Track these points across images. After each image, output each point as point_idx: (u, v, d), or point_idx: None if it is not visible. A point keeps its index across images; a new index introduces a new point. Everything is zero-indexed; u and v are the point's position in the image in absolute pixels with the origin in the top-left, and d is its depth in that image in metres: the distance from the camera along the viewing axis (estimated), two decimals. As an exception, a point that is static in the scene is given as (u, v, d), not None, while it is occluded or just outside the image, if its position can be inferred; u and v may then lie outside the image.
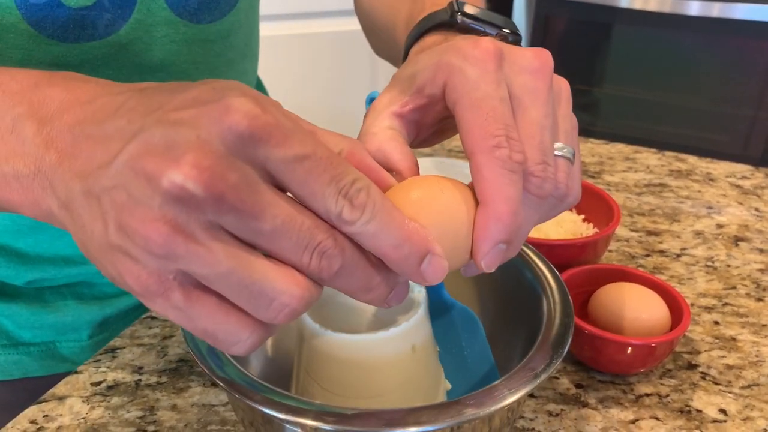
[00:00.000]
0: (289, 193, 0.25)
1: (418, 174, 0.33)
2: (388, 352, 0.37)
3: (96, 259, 0.26)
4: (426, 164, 0.75)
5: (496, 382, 0.32)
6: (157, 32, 0.46)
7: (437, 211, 0.29)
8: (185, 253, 0.23)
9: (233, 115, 0.23)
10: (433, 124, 0.35)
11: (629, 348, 0.45)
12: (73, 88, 0.28)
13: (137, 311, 0.56)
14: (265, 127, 0.23)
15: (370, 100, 0.41)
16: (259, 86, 0.69)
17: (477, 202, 0.29)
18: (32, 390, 0.52)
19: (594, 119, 1.77)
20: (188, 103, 0.24)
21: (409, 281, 0.29)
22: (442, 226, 0.28)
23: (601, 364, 0.47)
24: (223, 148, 0.23)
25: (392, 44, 0.51)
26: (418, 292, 0.39)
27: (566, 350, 0.34)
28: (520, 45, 0.39)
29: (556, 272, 0.40)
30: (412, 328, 0.37)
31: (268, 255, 0.25)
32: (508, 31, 0.40)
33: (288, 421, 0.32)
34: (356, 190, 0.25)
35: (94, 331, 0.54)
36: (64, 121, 0.27)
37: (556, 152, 0.31)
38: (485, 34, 0.40)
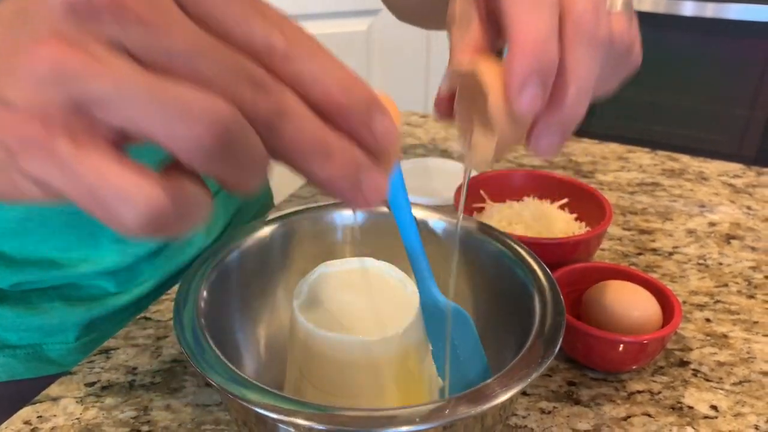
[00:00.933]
0: None
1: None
2: (381, 352, 0.37)
3: None
4: (407, 166, 0.76)
5: (489, 380, 0.32)
6: None
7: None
8: (82, 68, 0.18)
9: None
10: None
11: (621, 345, 0.45)
12: None
13: (124, 312, 0.56)
14: None
15: None
16: None
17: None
18: (19, 392, 0.52)
19: (588, 119, 1.77)
20: None
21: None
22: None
23: (593, 362, 0.47)
24: None
25: None
26: (411, 292, 0.39)
27: (558, 348, 0.34)
28: None
29: (548, 270, 0.40)
30: (406, 328, 0.37)
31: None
32: None
33: (281, 421, 0.32)
34: (283, 18, 0.20)
35: (80, 332, 0.54)
36: None
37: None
38: None
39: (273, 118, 0.20)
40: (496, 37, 0.30)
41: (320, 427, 0.30)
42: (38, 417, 0.43)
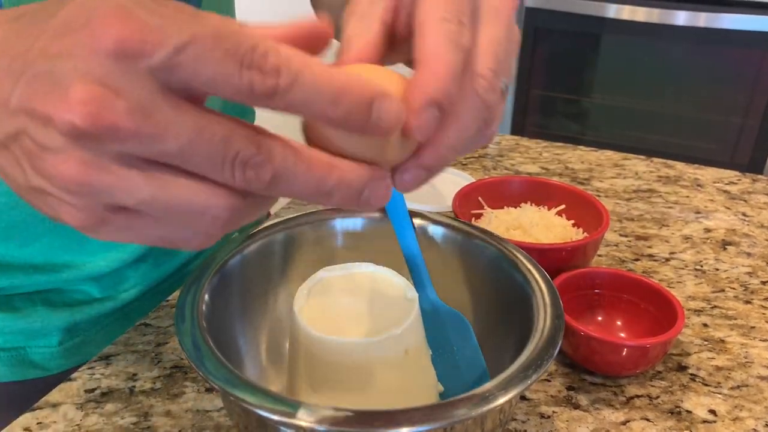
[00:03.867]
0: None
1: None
2: (381, 356, 0.37)
3: (29, 201, 0.25)
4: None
5: (488, 384, 0.32)
6: None
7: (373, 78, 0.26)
8: (104, 187, 0.22)
9: (101, 38, 0.21)
10: (404, 31, 0.32)
11: (624, 349, 0.45)
12: None
13: (108, 317, 0.56)
14: (132, 37, 0.21)
15: None
16: None
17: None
18: (4, 396, 0.52)
19: (583, 128, 1.78)
20: (61, 30, 0.22)
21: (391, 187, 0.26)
22: None
23: (595, 365, 0.47)
24: (104, 73, 0.21)
25: None
26: (411, 296, 0.40)
27: (557, 351, 0.35)
28: None
29: (546, 274, 0.40)
30: (405, 331, 0.37)
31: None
32: None
33: (283, 423, 0.32)
34: (261, 56, 0.21)
35: (64, 337, 0.54)
36: None
37: None
38: None
39: (270, 185, 0.23)
40: (389, 49, 0.31)
41: (321, 428, 0.30)
42: (38, 423, 0.43)
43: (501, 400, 0.31)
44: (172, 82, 0.22)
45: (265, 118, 0.76)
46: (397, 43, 0.31)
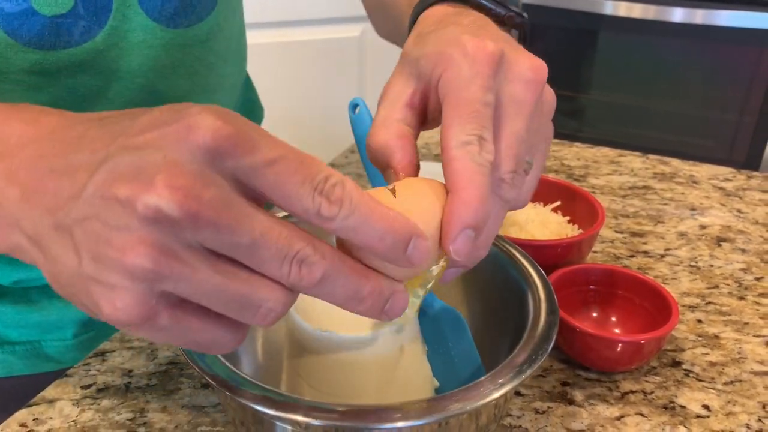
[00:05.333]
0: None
1: (415, 175, 0.33)
2: (377, 352, 0.37)
3: (70, 292, 0.26)
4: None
5: (482, 378, 0.32)
6: (134, 38, 0.47)
7: (414, 205, 0.29)
8: (171, 274, 0.23)
9: (197, 131, 0.23)
10: (435, 109, 0.35)
11: (619, 345, 0.46)
12: (31, 121, 0.28)
13: None
14: (230, 137, 0.23)
15: (354, 106, 0.42)
16: (249, 88, 0.70)
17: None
18: (18, 388, 0.52)
19: (580, 125, 1.78)
20: (150, 126, 0.24)
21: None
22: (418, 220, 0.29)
23: (590, 361, 0.48)
24: (193, 165, 0.23)
25: (398, 18, 0.51)
26: (406, 292, 0.40)
27: (551, 346, 0.35)
28: (526, 25, 0.41)
29: (541, 270, 0.41)
30: (401, 328, 0.37)
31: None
32: (516, 11, 0.41)
33: (278, 418, 0.32)
34: (331, 186, 0.25)
35: (78, 330, 0.54)
36: (24, 155, 0.27)
37: None
38: (495, 12, 0.40)
39: (315, 284, 0.25)
40: (418, 124, 0.35)
41: (317, 423, 0.30)
42: (34, 419, 0.43)
43: (495, 395, 0.31)
44: (248, 187, 0.24)
45: (267, 110, 0.75)
46: (429, 120, 0.36)
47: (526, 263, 0.41)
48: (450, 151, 0.30)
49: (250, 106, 0.69)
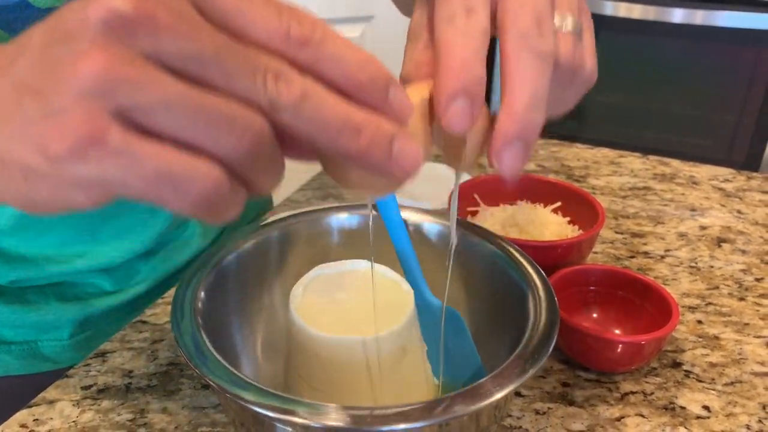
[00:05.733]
0: None
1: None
2: (378, 353, 0.37)
3: (10, 146, 0.22)
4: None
5: (483, 379, 0.32)
6: None
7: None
8: (127, 78, 0.20)
9: None
10: None
11: (619, 345, 0.46)
12: None
13: (119, 312, 0.56)
14: None
15: None
16: None
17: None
18: (14, 388, 0.52)
19: (580, 126, 1.78)
20: None
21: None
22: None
23: (590, 362, 0.48)
24: None
25: None
26: (407, 292, 0.40)
27: (552, 346, 0.35)
28: None
29: (541, 270, 0.41)
30: (402, 328, 0.38)
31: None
32: None
33: (278, 420, 0.32)
34: (299, 12, 0.22)
35: (75, 330, 0.54)
36: None
37: (556, 22, 0.29)
38: None
39: (298, 102, 0.22)
40: None
41: (317, 425, 0.30)
42: (34, 420, 0.43)
43: (497, 396, 0.31)
44: (208, 9, 0.22)
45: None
46: None
47: (526, 264, 0.41)
48: (435, 32, 0.27)
49: None
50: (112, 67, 0.20)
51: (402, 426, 0.30)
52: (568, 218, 0.61)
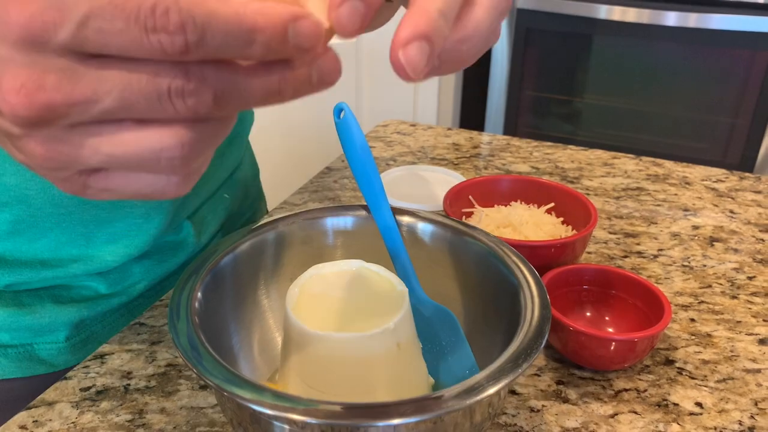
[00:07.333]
0: None
1: None
2: (374, 350, 0.37)
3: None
4: (396, 173, 0.77)
5: (476, 375, 0.33)
6: None
7: None
8: (68, 158, 0.24)
9: (8, 27, 0.22)
10: None
11: (612, 344, 0.46)
12: None
13: (115, 314, 0.57)
14: (34, 20, 0.21)
15: (339, 111, 0.43)
16: None
17: None
18: (10, 392, 0.52)
19: (574, 128, 1.79)
20: None
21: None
22: None
23: (583, 360, 0.48)
24: (22, 57, 0.22)
25: None
26: (401, 290, 0.40)
27: (545, 341, 0.35)
28: None
29: (532, 267, 0.41)
30: (397, 325, 0.38)
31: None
32: None
33: (275, 417, 0.32)
34: (162, 15, 0.21)
35: (71, 333, 0.54)
36: None
37: None
38: None
39: (214, 106, 0.23)
40: None
41: (314, 421, 0.30)
42: (34, 421, 0.44)
43: (490, 391, 0.32)
44: (87, 51, 0.22)
45: (262, 115, 0.76)
46: None
47: (518, 262, 0.42)
48: None
49: (241, 112, 0.70)
50: (49, 153, 0.24)
51: (396, 421, 0.30)
52: (561, 219, 0.61)
